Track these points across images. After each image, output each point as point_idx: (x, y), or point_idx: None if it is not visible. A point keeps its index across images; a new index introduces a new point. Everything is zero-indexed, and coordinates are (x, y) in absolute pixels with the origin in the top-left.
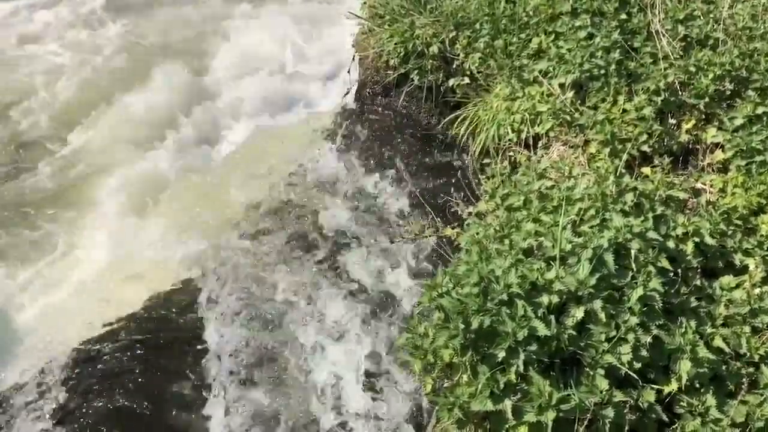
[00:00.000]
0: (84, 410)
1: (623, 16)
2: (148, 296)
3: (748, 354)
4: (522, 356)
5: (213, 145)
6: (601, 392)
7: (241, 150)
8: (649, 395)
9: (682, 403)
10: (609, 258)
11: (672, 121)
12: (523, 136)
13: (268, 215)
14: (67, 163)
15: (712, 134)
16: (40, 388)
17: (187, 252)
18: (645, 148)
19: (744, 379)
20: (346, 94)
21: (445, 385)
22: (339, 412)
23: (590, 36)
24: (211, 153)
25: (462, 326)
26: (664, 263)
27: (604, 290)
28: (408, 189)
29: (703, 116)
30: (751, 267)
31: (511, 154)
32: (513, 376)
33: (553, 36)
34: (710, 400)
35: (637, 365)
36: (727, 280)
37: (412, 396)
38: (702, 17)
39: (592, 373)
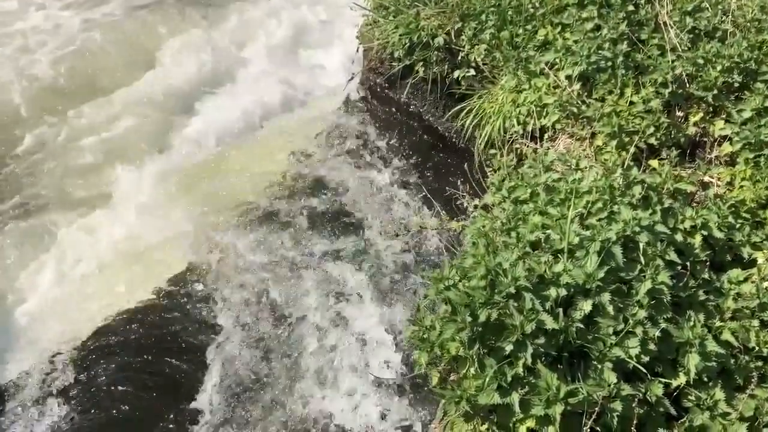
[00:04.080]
0: (87, 405)
1: (630, 8)
2: (153, 289)
3: (757, 348)
4: (530, 349)
5: (216, 138)
6: (609, 386)
7: (245, 143)
8: (657, 389)
9: (690, 397)
10: (617, 251)
11: (679, 113)
12: (529, 128)
13: (274, 207)
14: (70, 154)
15: (719, 127)
16: (44, 382)
17: (192, 244)
18: (652, 140)
19: (753, 373)
20: (350, 80)
21: (452, 378)
22: (345, 405)
23: (597, 27)
24: (215, 146)
25: (469, 319)
26: (672, 256)
27: (612, 283)
28: (413, 181)
29: (711, 109)
30: (760, 260)
31: (517, 146)
32: (520, 370)
33: (559, 27)
34: (718, 393)
35: (645, 359)
36: (736, 273)
37: (419, 388)
38: (710, 9)
39: (599, 366)
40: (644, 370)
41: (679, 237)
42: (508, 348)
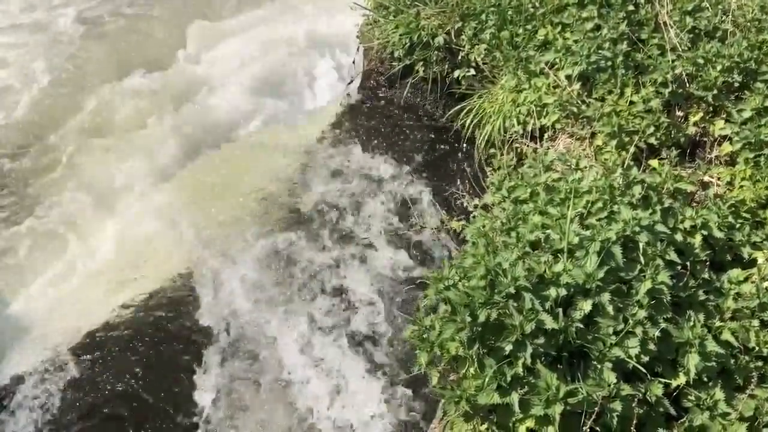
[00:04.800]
0: (86, 404)
1: (630, 8)
2: (151, 290)
3: (757, 348)
4: (529, 349)
5: (215, 140)
6: (609, 386)
7: (245, 144)
8: (657, 389)
9: (690, 397)
10: (617, 251)
11: (679, 113)
12: (529, 128)
13: (272, 210)
14: (72, 155)
15: (719, 127)
16: (44, 381)
17: (191, 249)
18: (652, 140)
19: (752, 373)
20: (350, 83)
21: (452, 377)
22: (344, 406)
23: (597, 27)
24: (213, 147)
25: (469, 319)
26: (672, 256)
27: (611, 283)
28: (413, 181)
29: (711, 108)
30: (760, 260)
31: (517, 146)
32: (520, 369)
33: (559, 27)
34: (718, 394)
35: (645, 359)
36: (736, 273)
37: (418, 388)
38: (710, 9)
39: (599, 366)
40: (644, 370)
41: (679, 237)
42: (508, 348)
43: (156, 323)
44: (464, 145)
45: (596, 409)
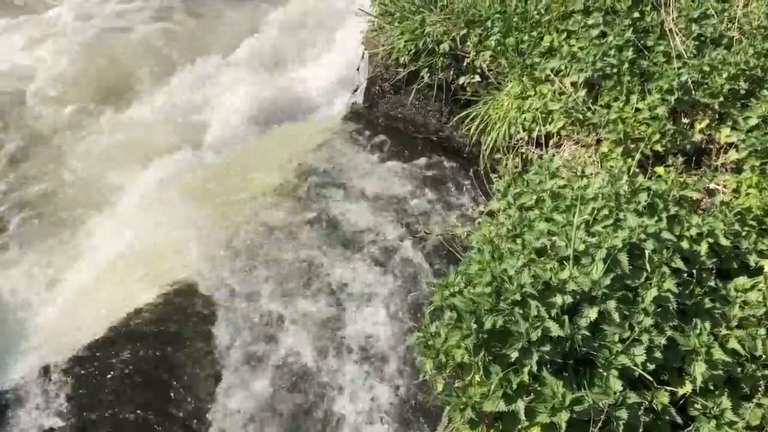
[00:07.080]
0: (90, 407)
1: (636, 15)
2: (157, 293)
3: (764, 356)
4: (535, 357)
5: (221, 145)
6: (615, 393)
7: (250, 151)
8: (663, 397)
9: (696, 405)
10: (623, 258)
11: (685, 120)
12: (535, 134)
13: (276, 215)
14: (76, 162)
15: (725, 134)
16: (47, 384)
17: (196, 251)
18: (658, 147)
19: (759, 382)
20: (355, 90)
21: (457, 385)
22: (347, 410)
23: (603, 34)
24: (219, 152)
25: (474, 326)
26: (678, 264)
27: (617, 291)
28: (418, 187)
29: (717, 116)
30: (766, 268)
31: (523, 152)
32: (526, 377)
33: (565, 34)
34: (725, 402)
35: (651, 366)
36: (742, 281)
37: (423, 395)
38: (716, 16)
39: (605, 374)
40: (650, 378)
41: (685, 244)
42: (514, 355)
43: (156, 330)
44: (469, 151)
45: (602, 416)
